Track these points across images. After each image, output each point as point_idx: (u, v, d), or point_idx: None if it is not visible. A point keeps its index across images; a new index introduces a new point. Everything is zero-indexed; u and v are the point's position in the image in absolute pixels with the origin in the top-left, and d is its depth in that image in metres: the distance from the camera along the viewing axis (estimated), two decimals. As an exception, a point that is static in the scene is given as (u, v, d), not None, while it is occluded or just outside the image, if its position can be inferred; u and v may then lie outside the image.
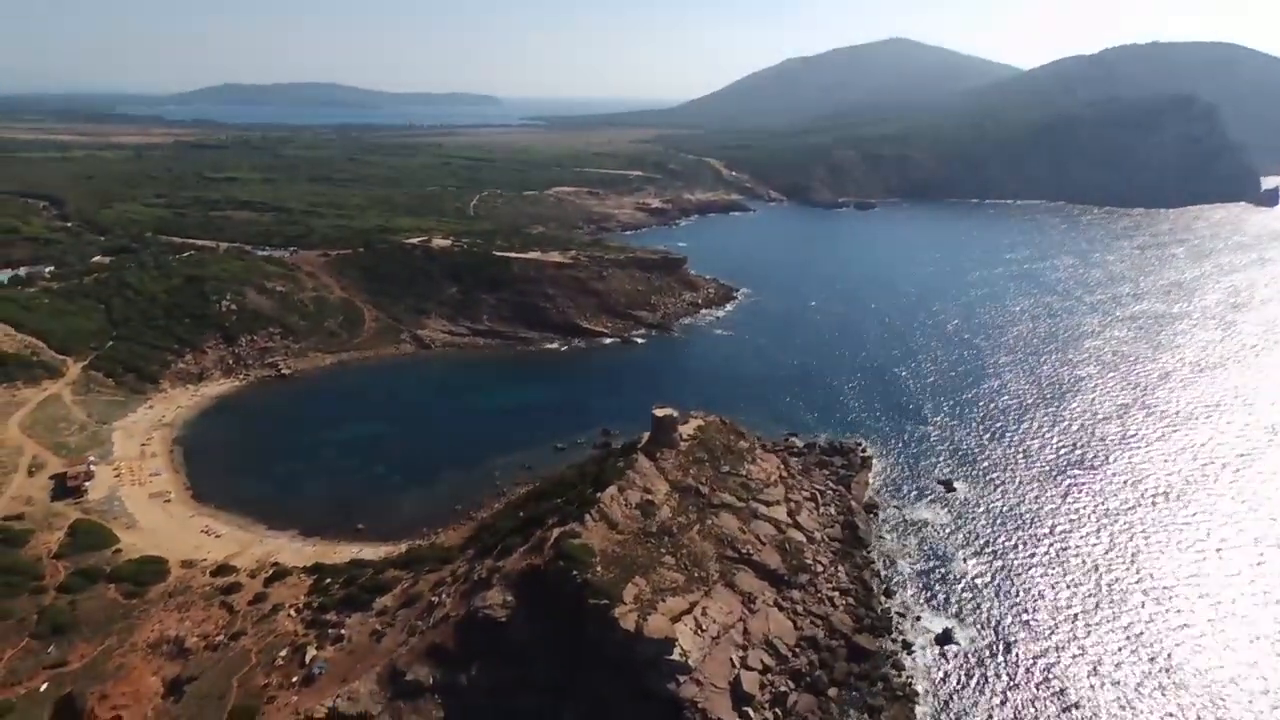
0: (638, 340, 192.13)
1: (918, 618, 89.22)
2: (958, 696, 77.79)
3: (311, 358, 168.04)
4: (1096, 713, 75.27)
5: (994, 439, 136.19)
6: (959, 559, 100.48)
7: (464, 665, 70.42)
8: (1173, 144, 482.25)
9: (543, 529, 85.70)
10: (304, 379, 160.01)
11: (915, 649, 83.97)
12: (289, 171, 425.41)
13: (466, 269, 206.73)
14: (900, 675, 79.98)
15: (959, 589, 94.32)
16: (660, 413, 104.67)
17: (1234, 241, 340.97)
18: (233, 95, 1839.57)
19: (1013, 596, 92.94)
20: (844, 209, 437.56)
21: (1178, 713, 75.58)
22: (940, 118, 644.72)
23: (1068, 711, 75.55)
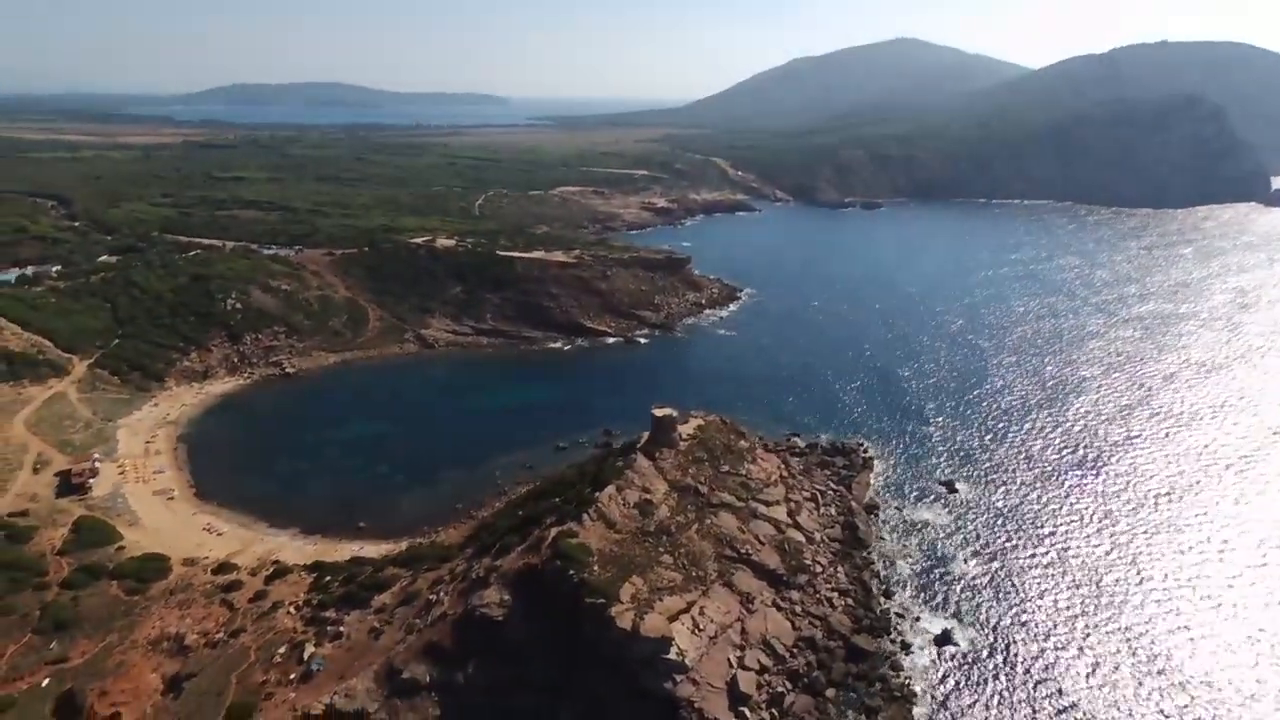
0: (641, 340, 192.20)
1: (917, 619, 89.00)
2: (955, 697, 77.62)
3: (316, 357, 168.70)
4: (1095, 714, 74.98)
5: (997, 440, 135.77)
6: (959, 560, 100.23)
7: (461, 664, 70.67)
8: (1181, 144, 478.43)
9: (541, 528, 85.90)
10: (308, 378, 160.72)
11: (914, 650, 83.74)
12: (296, 171, 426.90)
13: (470, 268, 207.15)
14: (898, 676, 79.78)
15: (959, 590, 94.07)
16: (659, 412, 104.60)
17: (1242, 242, 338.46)
18: (242, 95, 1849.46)
19: (1013, 598, 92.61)
20: (850, 209, 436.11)
21: (1177, 714, 75.24)
22: (947, 118, 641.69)
23: (1066, 713, 75.32)
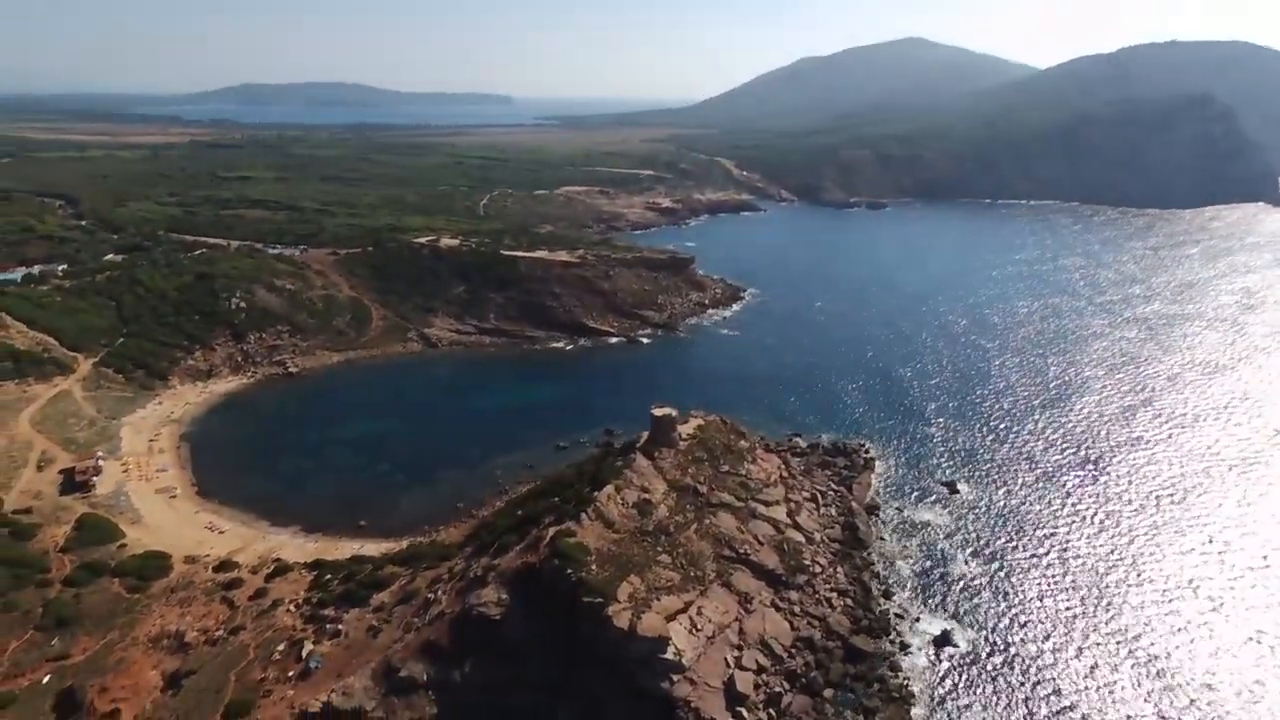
0: (644, 340, 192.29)
1: (916, 619, 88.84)
2: (954, 698, 77.50)
3: (319, 356, 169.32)
4: (1094, 716, 74.77)
5: (999, 440, 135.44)
6: (960, 560, 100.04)
7: (458, 662, 70.84)
8: (1189, 144, 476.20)
9: (539, 527, 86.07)
10: (311, 377, 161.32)
11: (913, 650, 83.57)
12: (301, 170, 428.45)
13: (474, 268, 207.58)
14: (897, 676, 79.58)
15: (959, 591, 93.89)
16: (659, 412, 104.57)
17: (1249, 242, 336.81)
18: (249, 95, 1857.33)
19: (1013, 599, 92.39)
20: (855, 209, 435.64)
21: (1176, 716, 74.97)
22: (953, 117, 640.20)
23: (1065, 714, 75.15)
